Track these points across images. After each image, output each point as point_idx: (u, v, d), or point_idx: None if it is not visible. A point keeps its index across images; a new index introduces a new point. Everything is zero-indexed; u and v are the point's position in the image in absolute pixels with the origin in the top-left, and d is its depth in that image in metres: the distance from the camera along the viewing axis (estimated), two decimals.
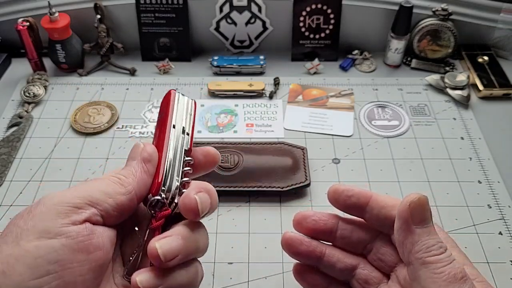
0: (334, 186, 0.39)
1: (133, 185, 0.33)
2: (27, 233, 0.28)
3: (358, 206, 0.37)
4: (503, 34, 0.76)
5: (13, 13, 0.75)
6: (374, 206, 0.37)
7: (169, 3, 0.74)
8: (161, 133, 0.36)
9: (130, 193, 0.32)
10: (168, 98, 0.37)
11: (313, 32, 0.76)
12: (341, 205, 0.39)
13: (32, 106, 0.69)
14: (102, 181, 0.32)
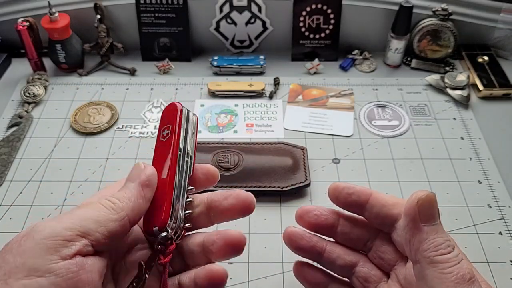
0: (335, 184, 0.39)
1: (127, 211, 0.32)
2: (16, 271, 0.28)
3: (358, 204, 0.37)
4: (503, 34, 0.76)
5: (13, 13, 0.75)
6: (374, 204, 0.36)
7: (169, 3, 0.74)
8: (170, 157, 0.34)
9: (122, 219, 0.31)
10: (174, 113, 0.35)
11: (313, 32, 0.76)
12: (342, 202, 0.39)
13: (32, 106, 0.69)
14: (94, 207, 0.31)
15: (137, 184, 0.33)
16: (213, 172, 0.37)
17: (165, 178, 0.33)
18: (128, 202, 0.32)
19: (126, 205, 0.32)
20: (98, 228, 0.30)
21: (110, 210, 0.31)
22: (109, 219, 0.31)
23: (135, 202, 0.32)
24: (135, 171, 0.34)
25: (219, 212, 0.37)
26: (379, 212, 0.36)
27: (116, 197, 0.32)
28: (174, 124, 0.35)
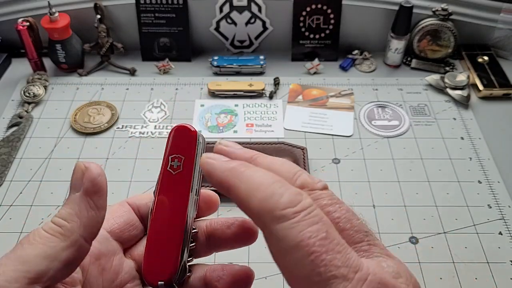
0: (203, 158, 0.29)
1: (79, 231, 0.26)
2: None
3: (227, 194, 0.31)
4: (503, 34, 0.76)
5: (13, 13, 0.75)
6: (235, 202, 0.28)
7: (169, 3, 0.74)
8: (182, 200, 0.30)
9: (75, 243, 0.26)
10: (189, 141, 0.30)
11: (313, 32, 0.76)
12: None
13: (32, 106, 0.69)
14: (38, 240, 0.25)
15: (82, 195, 0.27)
16: (215, 199, 0.33)
17: (173, 222, 0.29)
18: (77, 220, 0.26)
19: (76, 224, 0.26)
20: (50, 264, 0.25)
21: (57, 238, 0.25)
22: (59, 249, 0.25)
23: (85, 217, 0.26)
24: (75, 175, 0.27)
25: (221, 242, 0.32)
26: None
27: (62, 217, 0.26)
28: (188, 156, 0.30)
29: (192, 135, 0.30)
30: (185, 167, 0.30)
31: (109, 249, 0.30)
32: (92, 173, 0.28)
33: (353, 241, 0.24)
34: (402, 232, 0.53)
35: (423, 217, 0.54)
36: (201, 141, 0.31)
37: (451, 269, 0.49)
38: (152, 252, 0.29)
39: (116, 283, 0.30)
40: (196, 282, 0.31)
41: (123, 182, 0.59)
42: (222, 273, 0.31)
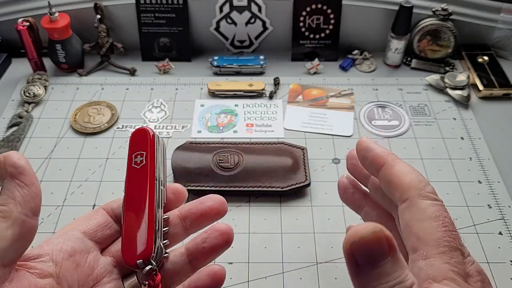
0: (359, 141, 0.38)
1: (16, 209, 0.29)
2: None
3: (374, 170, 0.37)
4: (503, 34, 0.76)
5: (13, 13, 0.75)
6: (382, 177, 0.35)
7: (169, 3, 0.74)
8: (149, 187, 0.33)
9: (17, 220, 0.28)
10: (146, 139, 0.35)
11: (313, 32, 0.76)
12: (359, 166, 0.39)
13: (32, 106, 0.69)
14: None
15: (9, 179, 0.29)
16: (181, 190, 0.37)
17: (144, 209, 0.33)
18: (11, 201, 0.29)
19: (12, 205, 0.29)
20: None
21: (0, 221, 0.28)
22: (3, 229, 0.28)
23: (19, 197, 0.29)
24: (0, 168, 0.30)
25: (197, 217, 0.36)
26: (384, 190, 0.35)
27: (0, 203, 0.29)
28: (147, 151, 0.34)
29: (150, 134, 0.35)
30: (147, 160, 0.34)
31: (83, 247, 0.33)
32: (11, 158, 0.30)
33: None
34: None
35: None
36: (160, 141, 0.36)
37: None
38: (128, 238, 0.32)
39: (92, 277, 0.33)
40: (178, 259, 0.35)
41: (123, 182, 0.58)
42: (206, 234, 0.35)
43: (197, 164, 0.58)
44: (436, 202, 0.32)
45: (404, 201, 0.33)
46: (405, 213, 0.32)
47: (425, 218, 0.31)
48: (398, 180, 0.34)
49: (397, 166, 0.35)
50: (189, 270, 0.35)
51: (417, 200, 0.32)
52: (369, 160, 0.37)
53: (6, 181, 0.29)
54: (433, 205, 0.32)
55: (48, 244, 0.32)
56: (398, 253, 0.27)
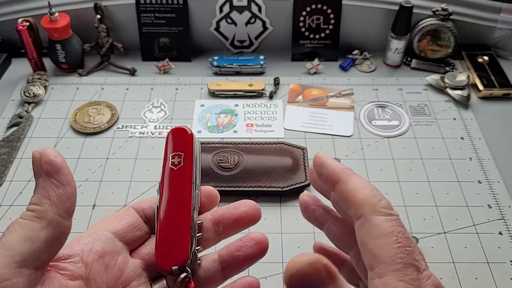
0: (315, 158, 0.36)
1: (51, 210, 0.28)
2: None
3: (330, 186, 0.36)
4: (503, 34, 0.76)
5: (13, 13, 0.75)
6: (337, 194, 0.34)
7: (169, 3, 0.74)
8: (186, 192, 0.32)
9: (52, 221, 0.27)
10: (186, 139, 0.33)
11: (313, 32, 0.76)
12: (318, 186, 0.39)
13: (32, 106, 0.69)
14: (17, 227, 0.27)
15: (44, 177, 0.28)
16: (215, 194, 0.35)
17: (180, 213, 0.32)
18: (47, 201, 0.28)
19: (47, 205, 0.28)
20: (32, 245, 0.26)
21: (34, 220, 0.27)
22: (38, 230, 0.27)
23: (54, 197, 0.28)
24: (34, 164, 0.29)
25: (231, 223, 0.35)
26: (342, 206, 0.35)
27: (33, 202, 0.28)
28: (186, 152, 0.33)
29: (188, 134, 0.33)
30: (186, 162, 0.33)
31: (113, 248, 0.31)
32: (48, 156, 0.28)
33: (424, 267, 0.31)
34: None
35: (423, 217, 0.55)
36: (197, 142, 0.34)
37: (451, 269, 0.49)
38: (163, 242, 0.31)
39: (121, 280, 0.31)
40: (210, 265, 0.34)
41: (123, 182, 0.59)
42: (241, 243, 0.34)
43: None
44: (391, 217, 0.32)
45: (358, 218, 0.32)
46: (360, 231, 0.32)
47: (379, 235, 0.31)
48: (352, 196, 0.33)
49: (350, 182, 0.34)
50: (221, 278, 0.34)
51: (371, 217, 0.31)
52: (324, 177, 0.36)
53: (41, 179, 0.28)
54: (387, 221, 0.31)
55: (78, 244, 0.31)
56: (339, 279, 0.27)
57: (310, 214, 0.39)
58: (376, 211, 0.32)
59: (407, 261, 0.29)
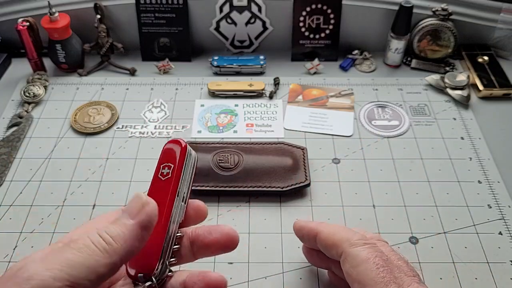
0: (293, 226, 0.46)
1: (121, 254, 0.28)
2: None
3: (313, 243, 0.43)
4: (503, 34, 0.76)
5: (13, 13, 0.75)
6: (319, 245, 0.42)
7: (169, 3, 0.74)
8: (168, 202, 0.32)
9: (114, 264, 0.28)
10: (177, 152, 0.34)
11: (313, 32, 0.76)
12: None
13: (32, 106, 0.69)
14: (86, 251, 0.27)
15: (136, 224, 0.29)
16: (203, 208, 0.36)
17: (158, 223, 0.31)
18: (123, 244, 0.28)
19: (121, 247, 0.28)
20: (88, 275, 0.27)
21: (103, 253, 0.27)
22: (101, 264, 0.27)
23: (130, 245, 0.28)
24: (135, 204, 0.29)
25: (203, 246, 0.35)
26: (327, 254, 0.42)
27: (111, 234, 0.28)
28: (175, 165, 0.33)
29: (182, 147, 0.34)
30: (174, 174, 0.33)
31: None
32: (152, 210, 0.29)
33: (408, 275, 0.37)
34: (402, 232, 0.53)
35: (423, 217, 0.55)
36: (192, 154, 0.35)
37: (451, 269, 0.49)
38: None
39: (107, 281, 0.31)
40: (177, 286, 0.34)
41: (123, 182, 0.59)
42: (197, 279, 0.34)
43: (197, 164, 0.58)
44: (365, 246, 0.38)
45: (340, 255, 0.39)
46: (344, 265, 0.38)
47: (359, 263, 0.37)
48: (331, 240, 0.40)
49: (325, 231, 0.41)
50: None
51: (349, 250, 0.38)
52: (305, 237, 0.44)
53: (132, 222, 0.29)
54: (363, 249, 0.38)
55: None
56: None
57: (315, 259, 0.46)
58: (353, 244, 0.38)
59: (387, 279, 0.35)
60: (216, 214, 0.55)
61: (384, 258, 0.37)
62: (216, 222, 0.54)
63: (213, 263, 0.50)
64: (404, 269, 0.37)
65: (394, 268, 0.37)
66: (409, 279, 0.36)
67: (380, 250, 0.38)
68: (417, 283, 0.36)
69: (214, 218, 0.54)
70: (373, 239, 0.40)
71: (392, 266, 0.37)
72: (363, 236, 0.40)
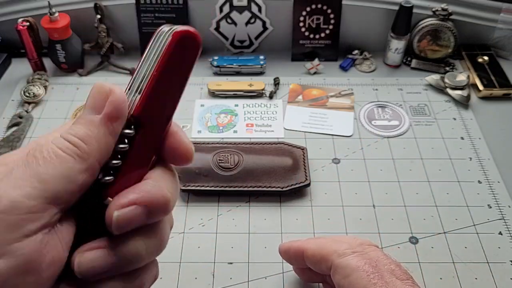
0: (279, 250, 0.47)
1: (96, 155, 0.24)
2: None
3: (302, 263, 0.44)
4: (503, 34, 0.76)
5: (13, 13, 0.75)
6: (309, 262, 0.42)
7: (169, 3, 0.74)
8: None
9: (92, 167, 0.24)
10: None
11: (313, 32, 0.76)
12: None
13: (32, 106, 0.69)
14: (55, 159, 0.23)
15: (104, 118, 0.25)
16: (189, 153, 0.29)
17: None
18: (95, 144, 0.24)
19: (94, 147, 0.24)
20: (67, 186, 0.23)
21: (75, 158, 0.24)
22: (77, 171, 0.24)
23: (103, 142, 0.25)
24: (97, 95, 0.25)
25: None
26: (317, 270, 0.42)
27: (79, 136, 0.24)
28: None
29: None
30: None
31: None
32: (118, 98, 0.25)
33: (400, 278, 0.37)
34: (402, 232, 0.53)
35: (423, 217, 0.55)
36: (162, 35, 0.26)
37: (451, 269, 0.49)
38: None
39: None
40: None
41: None
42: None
43: (197, 164, 0.58)
44: (354, 254, 0.38)
45: (330, 267, 0.39)
46: (335, 277, 0.38)
47: (349, 272, 0.37)
48: (318, 255, 0.40)
49: (312, 247, 0.42)
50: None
51: (338, 262, 0.38)
52: (293, 258, 0.45)
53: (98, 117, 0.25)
54: (352, 259, 0.38)
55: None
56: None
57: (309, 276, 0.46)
58: (341, 255, 0.39)
59: (379, 285, 0.35)
60: (216, 214, 0.55)
61: (373, 265, 0.37)
62: (216, 223, 0.54)
63: (213, 263, 0.50)
64: (396, 273, 0.37)
65: (385, 273, 0.37)
66: (401, 283, 0.36)
67: (369, 256, 0.38)
68: (410, 286, 0.36)
69: (214, 218, 0.54)
70: (363, 245, 0.40)
71: (383, 271, 0.37)
72: (350, 245, 0.40)
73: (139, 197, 0.25)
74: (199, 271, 0.49)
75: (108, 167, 0.26)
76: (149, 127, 0.26)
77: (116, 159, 0.26)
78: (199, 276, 0.49)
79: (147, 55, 0.26)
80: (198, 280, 0.49)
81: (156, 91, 0.26)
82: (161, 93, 0.26)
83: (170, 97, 0.27)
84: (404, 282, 0.36)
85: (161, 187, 0.26)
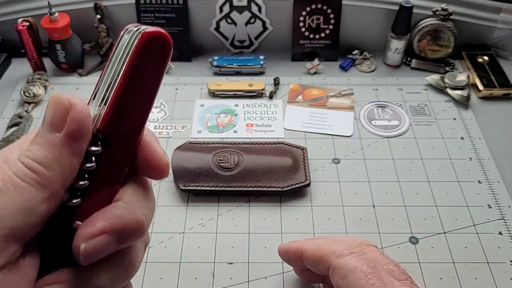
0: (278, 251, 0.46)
1: (59, 181, 0.22)
2: None
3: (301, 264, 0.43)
4: (503, 34, 0.76)
5: (13, 13, 0.75)
6: (307, 263, 0.42)
7: (169, 3, 0.74)
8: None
9: (55, 195, 0.22)
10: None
11: (313, 32, 0.76)
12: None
13: (32, 106, 0.69)
14: (12, 191, 0.21)
15: (65, 137, 0.21)
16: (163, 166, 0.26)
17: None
18: (57, 168, 0.21)
19: (56, 173, 0.21)
20: (27, 219, 0.21)
21: (35, 188, 0.21)
22: (38, 201, 0.21)
23: (66, 165, 0.22)
24: (56, 110, 0.22)
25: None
26: (317, 271, 0.42)
27: (39, 161, 0.21)
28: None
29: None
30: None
31: None
32: (80, 113, 0.22)
33: (399, 278, 0.36)
34: (402, 232, 0.53)
35: (423, 217, 0.55)
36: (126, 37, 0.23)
37: (451, 269, 0.49)
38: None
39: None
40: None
41: None
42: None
43: (197, 164, 0.58)
44: (352, 255, 0.38)
45: (328, 268, 0.39)
46: (333, 277, 0.38)
47: (347, 273, 0.37)
48: (317, 255, 0.40)
49: (310, 248, 0.42)
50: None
51: (336, 262, 0.38)
52: (292, 259, 0.45)
53: (58, 137, 0.22)
54: (350, 259, 0.38)
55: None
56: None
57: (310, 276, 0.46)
58: (339, 255, 0.38)
59: (377, 286, 0.35)
60: (216, 214, 0.55)
61: (371, 265, 0.37)
62: (216, 223, 0.54)
63: (213, 263, 0.50)
64: (395, 273, 0.37)
65: (383, 273, 0.37)
66: (400, 283, 0.36)
67: (367, 257, 0.38)
68: (409, 286, 0.36)
69: (214, 218, 0.54)
70: (362, 245, 0.40)
71: (381, 271, 0.37)
72: (348, 246, 0.40)
73: (108, 225, 0.22)
74: (199, 271, 0.49)
75: (74, 189, 0.23)
76: (117, 142, 0.23)
77: (83, 179, 0.23)
78: (199, 276, 0.49)
79: (113, 59, 0.23)
80: (198, 280, 0.49)
81: (123, 101, 0.23)
82: (129, 103, 0.23)
83: (140, 107, 0.24)
84: (403, 282, 0.36)
85: (133, 209, 0.24)
